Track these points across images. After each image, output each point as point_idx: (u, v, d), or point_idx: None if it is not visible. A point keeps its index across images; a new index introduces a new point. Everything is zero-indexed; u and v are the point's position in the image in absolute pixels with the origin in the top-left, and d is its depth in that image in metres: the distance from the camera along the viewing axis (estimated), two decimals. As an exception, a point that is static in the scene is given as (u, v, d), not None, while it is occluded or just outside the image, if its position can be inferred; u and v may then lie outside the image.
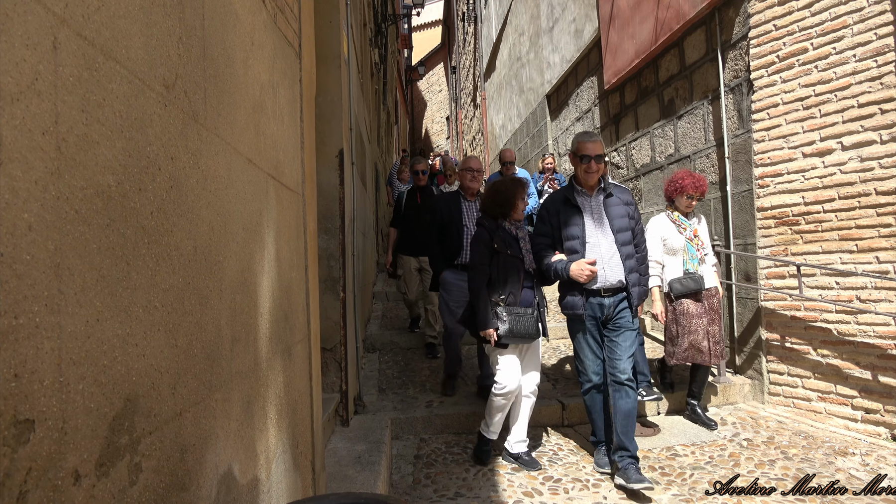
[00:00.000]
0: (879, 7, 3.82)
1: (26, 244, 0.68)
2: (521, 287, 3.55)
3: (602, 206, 3.56)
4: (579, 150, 3.53)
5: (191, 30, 1.23)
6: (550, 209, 3.63)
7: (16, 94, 0.66)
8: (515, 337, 3.45)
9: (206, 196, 1.28)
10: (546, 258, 3.56)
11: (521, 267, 3.56)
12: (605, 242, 3.48)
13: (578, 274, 3.41)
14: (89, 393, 0.80)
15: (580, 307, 3.48)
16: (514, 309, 3.48)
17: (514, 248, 3.58)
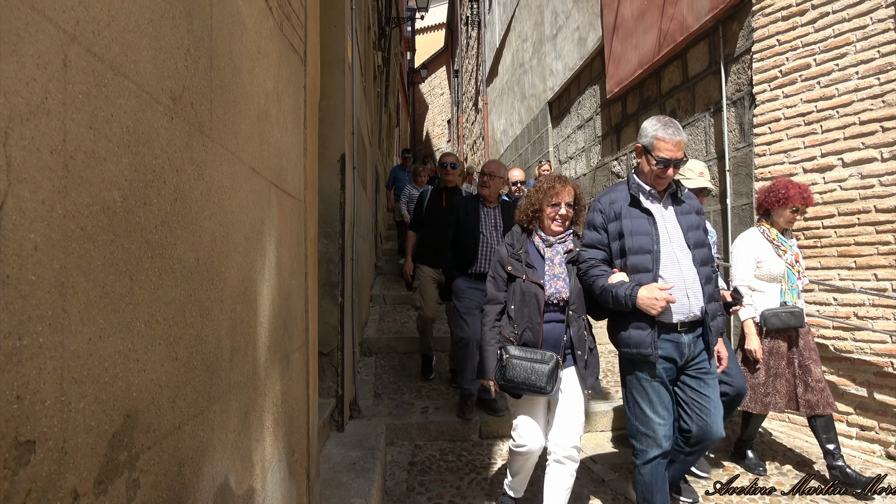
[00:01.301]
0: (883, 25, 3.83)
1: (32, 264, 0.67)
2: (541, 321, 2.75)
3: (674, 213, 2.78)
4: (655, 148, 2.67)
5: (199, 41, 1.23)
6: (607, 212, 2.77)
7: (25, 114, 0.66)
8: (513, 387, 2.73)
9: (209, 207, 1.28)
10: (600, 278, 2.71)
11: (540, 296, 2.75)
12: (686, 261, 2.67)
13: (650, 304, 2.53)
14: (90, 411, 0.79)
15: (648, 345, 2.59)
16: (524, 351, 2.71)
17: (535, 272, 2.81)
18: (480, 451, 4.04)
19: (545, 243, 2.90)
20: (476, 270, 4.18)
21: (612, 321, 2.81)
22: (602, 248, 2.79)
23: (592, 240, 2.81)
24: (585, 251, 2.82)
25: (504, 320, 2.89)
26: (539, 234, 2.92)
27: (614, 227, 2.74)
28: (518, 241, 2.95)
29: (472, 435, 4.26)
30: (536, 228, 2.94)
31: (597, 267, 2.76)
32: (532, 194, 2.93)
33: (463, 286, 4.22)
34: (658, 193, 2.77)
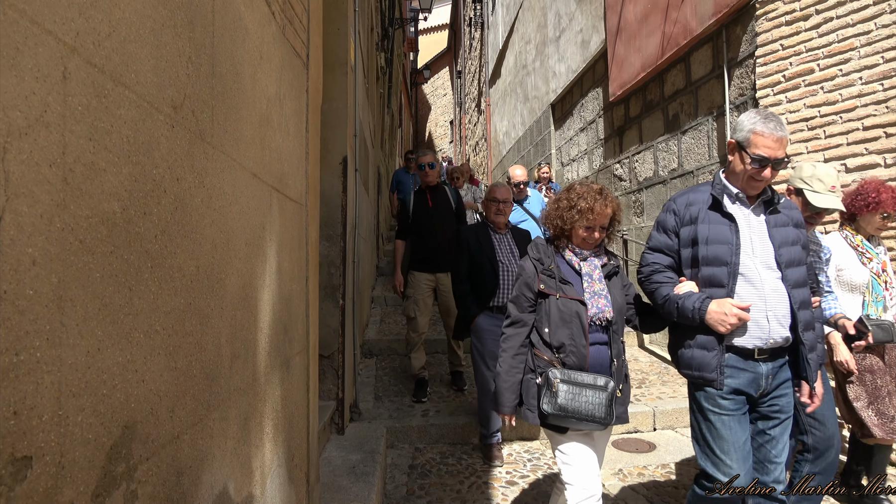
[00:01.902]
0: (887, 31, 3.83)
1: (30, 279, 0.67)
2: (586, 342, 2.37)
3: (765, 224, 2.37)
4: (752, 144, 2.27)
5: (200, 48, 1.23)
6: (682, 214, 2.44)
7: (24, 128, 0.66)
8: (570, 418, 2.30)
9: (210, 214, 1.27)
10: (664, 286, 2.43)
11: (583, 314, 2.38)
12: (770, 279, 2.29)
13: (719, 320, 2.22)
14: (87, 424, 0.79)
15: (713, 369, 2.29)
16: (576, 375, 2.33)
17: (572, 289, 2.44)
18: (480, 455, 4.03)
19: (579, 257, 2.52)
20: (498, 303, 3.78)
21: (673, 337, 2.49)
22: (670, 253, 2.48)
23: (660, 243, 2.50)
24: (650, 254, 2.54)
25: (537, 344, 2.49)
26: (571, 248, 2.53)
27: (688, 233, 2.40)
28: (546, 255, 2.54)
29: (472, 438, 4.26)
30: (566, 243, 2.54)
31: (661, 272, 2.48)
32: (564, 208, 2.50)
33: (486, 324, 3.77)
34: (748, 199, 2.39)
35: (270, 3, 1.85)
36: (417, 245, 4.89)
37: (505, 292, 3.77)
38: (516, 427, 4.32)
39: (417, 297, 4.83)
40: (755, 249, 2.32)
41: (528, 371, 2.48)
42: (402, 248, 5.07)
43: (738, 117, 4.87)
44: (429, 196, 4.94)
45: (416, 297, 4.83)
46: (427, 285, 4.84)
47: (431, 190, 4.97)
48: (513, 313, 2.56)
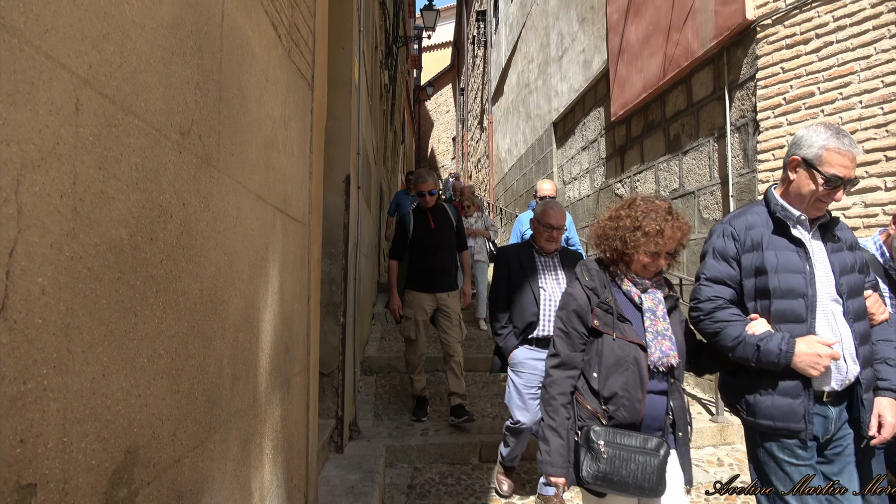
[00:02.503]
0: (887, 56, 3.86)
1: (39, 308, 0.68)
2: (642, 392, 2.00)
3: (824, 249, 2.10)
4: (825, 162, 2.00)
5: (208, 74, 1.25)
6: (742, 239, 2.12)
7: (37, 160, 0.67)
8: (613, 485, 1.97)
9: (214, 237, 1.29)
10: (733, 326, 2.06)
11: (642, 360, 2.01)
12: (837, 311, 2.05)
13: (811, 363, 1.93)
14: (91, 450, 0.80)
15: (801, 418, 1.99)
16: (624, 437, 1.97)
17: (631, 328, 2.06)
18: (480, 475, 4.02)
19: (639, 287, 2.13)
20: (539, 334, 3.33)
21: (736, 381, 2.17)
22: (733, 285, 2.13)
23: (721, 274, 2.13)
24: (708, 287, 2.14)
25: (581, 390, 2.12)
26: (629, 276, 2.14)
27: (751, 260, 2.09)
28: (601, 284, 2.16)
29: (471, 458, 4.24)
30: (625, 270, 2.15)
31: (726, 308, 2.10)
32: (626, 229, 2.10)
33: (524, 357, 3.36)
34: (808, 222, 2.10)
35: (277, 27, 1.88)
36: (417, 265, 4.66)
37: (546, 323, 3.34)
38: (516, 447, 4.30)
39: (417, 319, 4.60)
40: (823, 278, 2.06)
41: None
42: (397, 269, 4.80)
43: (736, 139, 4.90)
44: (430, 216, 4.74)
45: (415, 319, 4.60)
46: (428, 306, 4.61)
47: (431, 210, 4.79)
48: (561, 351, 2.14)
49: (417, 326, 4.60)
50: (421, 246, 4.66)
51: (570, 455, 2.05)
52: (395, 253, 4.80)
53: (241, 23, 1.46)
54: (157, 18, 0.98)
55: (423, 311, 4.60)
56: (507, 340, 3.43)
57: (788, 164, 2.12)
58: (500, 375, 6.09)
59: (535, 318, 3.34)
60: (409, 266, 4.70)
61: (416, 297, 4.62)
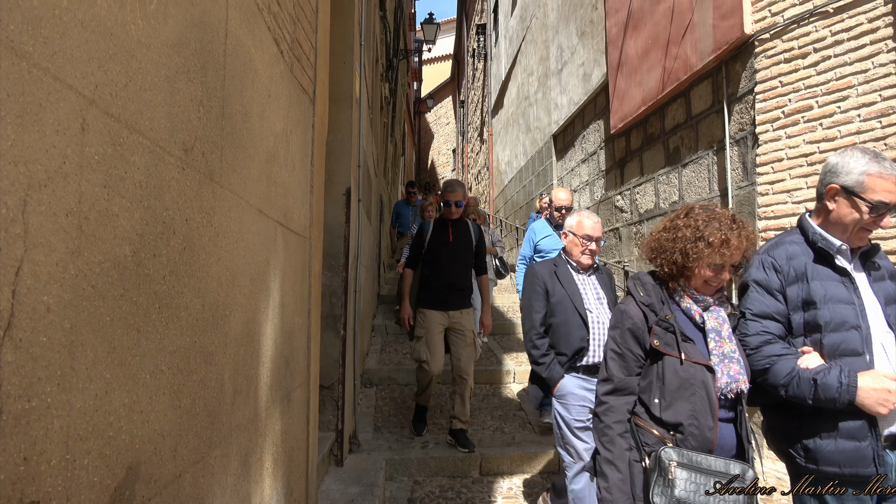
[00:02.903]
0: (884, 70, 3.89)
1: (44, 326, 0.69)
2: (713, 420, 1.81)
3: (866, 280, 1.98)
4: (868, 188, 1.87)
5: (211, 91, 1.26)
6: (785, 270, 1.99)
7: (44, 180, 0.68)
8: None
9: (216, 253, 1.30)
10: (785, 360, 1.88)
11: (710, 383, 1.82)
12: (889, 344, 1.91)
13: (880, 399, 1.75)
14: (93, 467, 0.80)
15: (870, 462, 1.83)
16: (702, 458, 1.77)
17: (695, 348, 1.86)
18: (480, 489, 4.00)
19: (700, 305, 1.94)
20: (590, 361, 2.97)
21: (787, 424, 1.98)
22: (781, 319, 1.98)
23: (768, 308, 1.98)
24: (756, 322, 1.98)
25: (640, 414, 1.93)
26: (689, 293, 1.95)
27: (797, 292, 1.95)
28: (657, 300, 1.97)
29: (472, 471, 4.22)
30: (684, 285, 1.96)
31: (774, 343, 1.94)
32: (686, 239, 1.91)
33: (573, 387, 2.96)
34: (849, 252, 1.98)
35: (279, 43, 1.89)
36: (430, 280, 4.41)
37: (596, 349, 2.99)
38: (515, 459, 4.29)
39: (430, 340, 4.29)
40: (869, 309, 1.93)
41: None
42: (411, 278, 4.58)
43: (735, 152, 4.92)
44: (450, 229, 4.49)
45: (427, 339, 4.29)
46: (440, 326, 4.34)
47: (453, 223, 4.54)
48: (615, 375, 1.94)
49: (430, 349, 4.30)
50: (435, 258, 4.44)
51: (633, 489, 1.85)
52: (410, 262, 4.59)
53: (244, 40, 1.48)
54: (162, 38, 0.99)
55: (435, 331, 4.32)
56: (552, 370, 3.00)
57: (826, 194, 1.99)
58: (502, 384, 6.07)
59: (586, 343, 2.98)
60: (421, 280, 4.48)
61: (428, 316, 4.35)
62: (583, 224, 3.15)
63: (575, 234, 3.15)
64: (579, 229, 3.15)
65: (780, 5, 4.54)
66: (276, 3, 1.82)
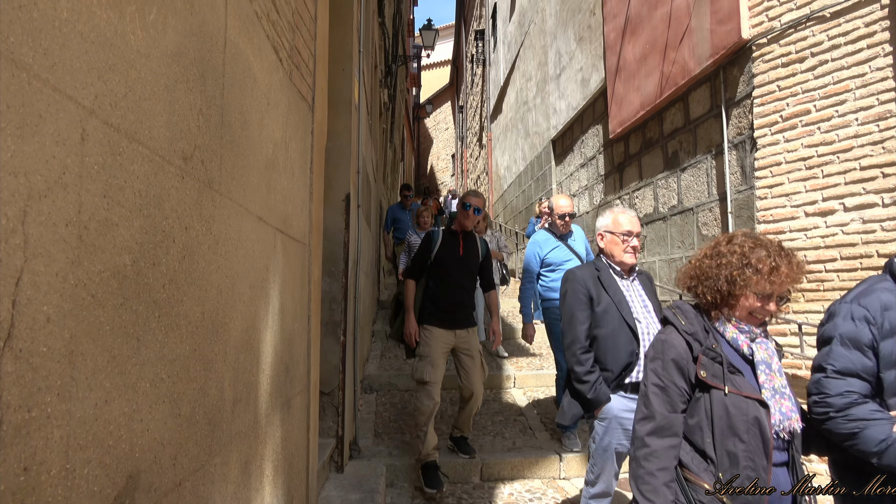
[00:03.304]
0: (881, 74, 3.90)
1: (44, 336, 0.69)
2: (767, 459, 1.65)
3: None
4: None
5: (211, 100, 1.26)
6: (879, 322, 1.82)
7: (44, 190, 0.69)
8: None
9: (216, 260, 1.30)
10: (876, 426, 1.71)
11: (764, 419, 1.66)
12: None
13: None
14: (93, 476, 0.80)
15: None
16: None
17: (745, 381, 1.71)
18: (481, 495, 3.99)
19: (746, 336, 1.78)
20: (638, 377, 2.66)
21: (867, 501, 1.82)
22: (868, 378, 1.79)
23: (853, 365, 1.81)
24: (839, 380, 1.81)
25: (689, 464, 1.72)
26: (734, 322, 1.79)
27: (891, 347, 1.78)
28: (700, 328, 1.82)
29: (472, 477, 4.21)
30: (728, 315, 1.81)
31: (862, 405, 1.74)
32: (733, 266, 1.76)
33: (618, 410, 2.67)
34: None
35: (278, 51, 1.90)
36: (437, 296, 4.05)
37: None
38: (516, 465, 4.28)
39: (434, 358, 3.91)
40: None
41: None
42: (412, 290, 4.12)
43: (734, 156, 4.93)
44: (461, 241, 4.15)
45: (431, 358, 3.91)
46: (446, 345, 4.01)
47: (464, 235, 4.19)
48: (658, 412, 1.74)
49: (434, 368, 3.90)
50: (444, 273, 4.05)
51: None
52: (414, 272, 4.15)
53: (243, 48, 1.48)
54: (161, 47, 1.00)
55: (439, 350, 3.96)
56: (598, 391, 2.67)
57: None
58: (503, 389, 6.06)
59: (635, 357, 2.68)
60: (426, 295, 4.11)
61: (432, 334, 3.97)
62: (619, 220, 2.89)
63: (613, 233, 2.88)
64: (616, 226, 2.88)
65: (778, 10, 4.56)
66: (274, 11, 1.83)
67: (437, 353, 3.93)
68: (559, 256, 4.71)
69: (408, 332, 4.05)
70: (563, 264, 4.62)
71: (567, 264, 4.58)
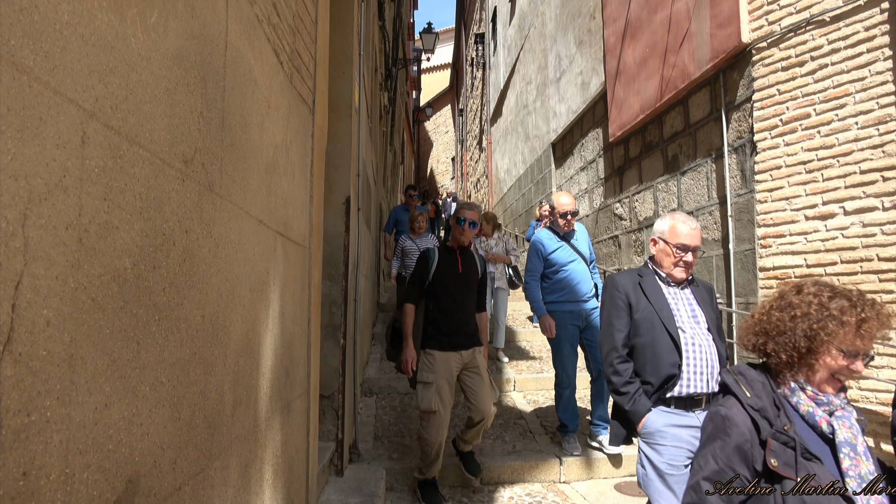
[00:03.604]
0: (881, 78, 3.90)
1: (43, 340, 0.69)
2: None
3: None
4: None
5: (211, 103, 1.26)
6: None
7: (44, 193, 0.68)
8: None
9: (216, 264, 1.29)
10: None
11: None
12: None
13: None
14: (93, 481, 0.80)
15: None
16: None
17: (824, 469, 1.47)
18: (481, 499, 3.98)
19: (824, 408, 1.52)
20: (683, 392, 2.42)
21: None
22: None
23: None
24: None
25: None
26: (808, 391, 1.52)
27: None
28: (769, 401, 1.55)
29: (472, 481, 4.20)
30: (803, 382, 1.54)
31: None
32: (811, 318, 1.50)
33: (661, 424, 2.42)
34: None
35: (279, 54, 1.90)
36: (438, 319, 3.74)
37: (693, 377, 2.43)
38: (516, 468, 4.27)
39: (440, 384, 3.58)
40: None
41: None
42: (411, 316, 3.78)
43: (734, 159, 4.93)
44: (459, 258, 3.89)
45: (438, 384, 3.58)
46: (452, 368, 3.67)
47: (462, 251, 3.94)
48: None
49: (440, 396, 3.57)
50: (441, 292, 3.77)
51: None
52: (413, 295, 3.80)
53: (244, 51, 1.48)
54: (162, 50, 1.00)
55: (445, 374, 3.63)
56: (637, 402, 2.46)
57: None
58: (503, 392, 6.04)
59: (677, 369, 2.44)
60: (425, 319, 3.79)
61: (436, 358, 3.64)
62: (677, 230, 2.59)
63: (667, 242, 2.61)
64: (672, 237, 2.60)
65: (778, 14, 4.57)
66: (275, 15, 1.83)
67: (442, 377, 3.59)
68: (563, 257, 4.53)
69: (404, 359, 3.70)
70: (566, 265, 4.49)
71: (571, 265, 4.47)
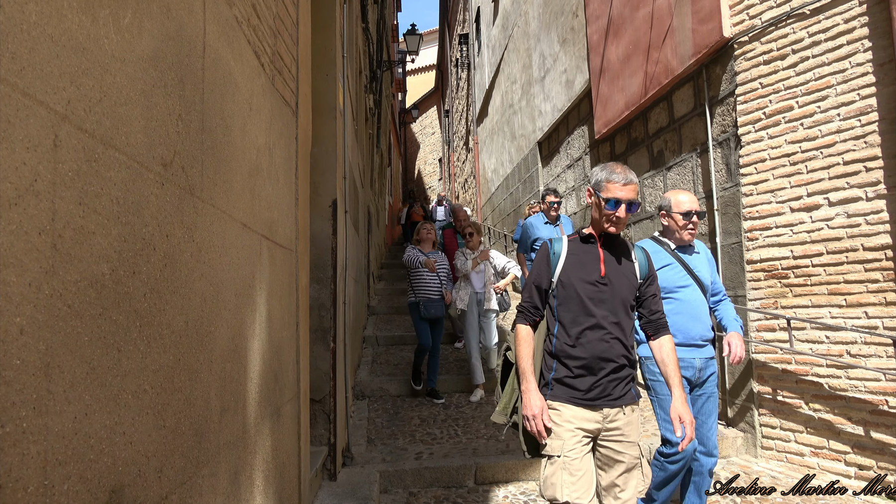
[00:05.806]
0: (861, 69, 3.93)
1: (17, 349, 0.67)
2: None
3: None
4: None
5: (190, 105, 1.24)
6: None
7: (14, 198, 0.67)
8: None
9: (199, 268, 1.28)
10: None
11: None
12: None
13: None
14: (74, 492, 0.78)
15: None
16: None
17: None
18: (476, 498, 3.97)
19: None
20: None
21: None
22: None
23: None
24: None
25: None
26: None
27: None
28: None
29: (467, 481, 4.19)
30: None
31: None
32: None
33: None
34: None
35: (260, 56, 1.88)
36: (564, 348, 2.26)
37: None
38: (510, 467, 4.26)
39: (571, 459, 2.17)
40: None
41: None
42: (532, 343, 2.35)
43: (719, 154, 4.96)
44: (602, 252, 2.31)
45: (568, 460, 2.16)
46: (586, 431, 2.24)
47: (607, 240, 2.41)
48: None
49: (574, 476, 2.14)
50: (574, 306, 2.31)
51: None
52: (528, 311, 2.38)
53: (223, 53, 1.46)
54: (137, 52, 0.98)
55: (582, 444, 2.21)
56: None
57: None
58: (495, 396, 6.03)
59: None
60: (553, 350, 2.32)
61: (565, 417, 2.22)
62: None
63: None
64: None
65: (758, 8, 4.59)
66: (255, 16, 1.81)
67: (576, 447, 2.18)
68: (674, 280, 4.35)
69: (531, 414, 2.22)
70: (676, 291, 4.38)
71: (683, 292, 4.38)
